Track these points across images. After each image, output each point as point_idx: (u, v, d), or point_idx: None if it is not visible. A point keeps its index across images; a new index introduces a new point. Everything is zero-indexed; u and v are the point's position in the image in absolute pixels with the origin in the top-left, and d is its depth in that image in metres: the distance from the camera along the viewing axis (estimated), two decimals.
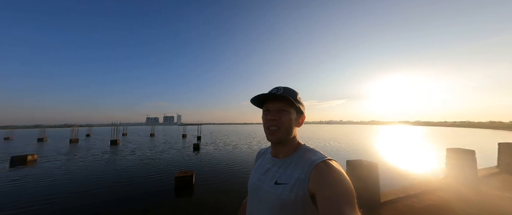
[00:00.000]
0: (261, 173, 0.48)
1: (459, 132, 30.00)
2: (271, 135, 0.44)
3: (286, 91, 0.45)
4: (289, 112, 0.44)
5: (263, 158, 0.53)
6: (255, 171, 0.52)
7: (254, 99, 0.46)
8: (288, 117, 0.43)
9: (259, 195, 0.44)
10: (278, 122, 0.43)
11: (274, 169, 0.45)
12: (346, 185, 0.32)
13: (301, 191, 0.36)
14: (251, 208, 0.46)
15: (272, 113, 0.44)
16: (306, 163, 0.39)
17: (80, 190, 4.31)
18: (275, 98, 0.44)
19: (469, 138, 18.08)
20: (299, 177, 0.38)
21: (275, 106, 0.44)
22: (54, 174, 5.71)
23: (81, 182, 4.88)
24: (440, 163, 6.53)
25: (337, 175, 0.34)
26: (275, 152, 0.48)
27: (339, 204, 0.29)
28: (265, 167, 0.48)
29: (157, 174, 5.68)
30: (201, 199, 3.72)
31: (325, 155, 0.40)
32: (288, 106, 0.44)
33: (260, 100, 0.46)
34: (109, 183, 4.83)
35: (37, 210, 3.29)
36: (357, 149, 10.73)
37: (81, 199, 3.75)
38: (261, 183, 0.45)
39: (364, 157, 7.48)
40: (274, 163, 0.47)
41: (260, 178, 0.47)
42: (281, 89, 0.45)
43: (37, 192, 4.21)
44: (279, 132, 0.43)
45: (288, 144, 0.46)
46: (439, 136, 21.79)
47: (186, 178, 4.37)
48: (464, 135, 23.46)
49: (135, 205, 3.46)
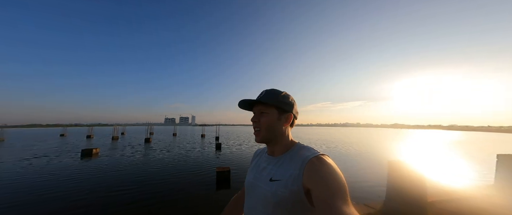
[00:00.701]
0: (257, 171, 0.49)
1: (508, 138, 25.62)
2: (255, 136, 0.47)
3: (266, 94, 0.47)
4: (268, 113, 0.45)
5: (260, 157, 0.54)
6: (252, 169, 0.53)
7: (241, 105, 0.51)
8: (267, 118, 0.45)
9: (255, 192, 0.45)
10: (258, 124, 0.46)
11: (269, 167, 0.46)
12: (338, 179, 0.33)
13: (296, 187, 0.36)
14: (248, 205, 0.47)
15: (254, 116, 0.48)
16: (300, 159, 0.39)
17: (142, 180, 5.15)
18: (255, 103, 0.48)
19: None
20: (293, 173, 0.38)
21: (257, 109, 0.48)
22: (118, 166, 6.87)
23: (140, 174, 5.79)
24: (488, 169, 6.05)
25: (329, 169, 0.34)
26: (270, 150, 0.50)
27: (332, 199, 0.30)
28: (262, 166, 0.49)
29: (195, 169, 6.41)
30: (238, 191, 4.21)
31: (318, 151, 0.41)
32: (267, 107, 0.46)
33: (250, 105, 0.51)
34: (161, 175, 5.65)
35: (117, 195, 4.08)
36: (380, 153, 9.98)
37: (145, 188, 4.49)
38: (257, 181, 0.46)
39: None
40: (269, 161, 0.48)
41: (256, 176, 0.48)
42: (264, 92, 0.48)
43: (111, 179, 5.19)
44: (260, 133, 0.46)
45: (280, 142, 0.47)
46: (483, 141, 19.05)
47: (225, 173, 4.93)
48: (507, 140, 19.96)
49: (187, 195, 4.08)
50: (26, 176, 5.45)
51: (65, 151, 10.51)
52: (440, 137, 27.21)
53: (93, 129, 32.80)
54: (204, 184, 4.80)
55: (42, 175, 5.60)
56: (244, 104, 0.50)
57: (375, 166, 6.90)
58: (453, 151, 11.55)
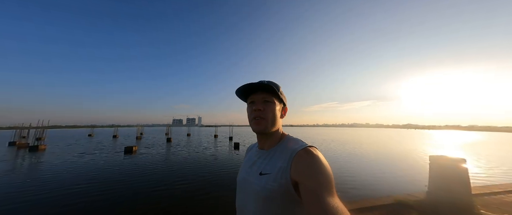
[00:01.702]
0: (248, 166, 0.49)
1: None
2: (256, 125, 0.44)
3: (270, 83, 0.46)
4: (274, 103, 0.44)
5: (252, 152, 0.53)
6: (243, 165, 0.52)
7: (238, 91, 0.47)
8: (273, 108, 0.44)
9: (246, 188, 0.45)
10: (262, 112, 0.43)
11: (259, 161, 0.46)
12: (324, 171, 0.33)
13: (284, 180, 0.36)
14: (239, 201, 0.47)
15: (257, 104, 0.45)
16: (288, 152, 0.39)
17: (181, 177, 5.52)
18: (259, 88, 0.45)
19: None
20: (282, 166, 0.38)
21: (260, 97, 0.45)
22: (155, 162, 7.54)
23: (177, 170, 6.32)
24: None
25: (316, 162, 0.34)
26: (261, 144, 0.49)
27: (318, 190, 0.30)
28: (252, 160, 0.49)
29: (225, 168, 6.68)
30: None
31: (306, 143, 0.41)
32: (272, 96, 0.44)
33: (245, 93, 0.47)
34: (196, 172, 6.11)
35: (165, 189, 4.38)
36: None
37: (186, 184, 4.75)
38: (248, 175, 0.46)
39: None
40: (260, 155, 0.47)
41: (247, 171, 0.47)
42: (265, 81, 0.46)
43: (155, 176, 5.61)
44: (264, 122, 0.43)
45: (273, 135, 0.46)
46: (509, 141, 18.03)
47: None
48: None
49: (226, 191, 4.31)
50: (89, 168, 6.52)
51: (108, 148, 11.89)
52: (461, 137, 26.11)
53: (118, 130, 35.45)
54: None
55: (102, 168, 6.65)
56: (242, 91, 0.47)
57: (406, 161, 7.68)
58: (479, 149, 11.42)
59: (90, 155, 9.43)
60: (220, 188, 4.49)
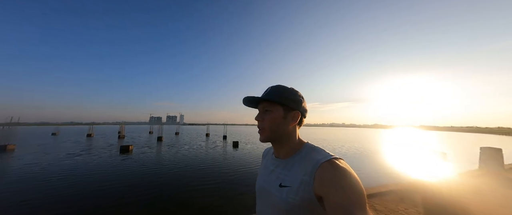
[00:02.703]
0: (266, 174, 0.46)
1: (469, 137, 30.01)
2: (260, 135, 0.44)
3: (271, 90, 0.44)
4: (273, 111, 0.42)
5: (267, 159, 0.51)
6: (261, 172, 0.50)
7: (245, 103, 0.47)
8: (271, 116, 0.42)
9: (266, 197, 0.42)
10: (261, 123, 0.43)
11: (278, 171, 0.42)
12: (355, 186, 0.29)
13: (307, 194, 0.33)
14: (259, 210, 0.45)
15: (258, 115, 0.45)
16: (310, 164, 0.36)
17: (184, 175, 5.37)
18: (259, 100, 0.44)
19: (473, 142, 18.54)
20: (303, 179, 0.35)
21: (261, 107, 0.45)
22: (153, 162, 7.26)
23: (180, 169, 6.10)
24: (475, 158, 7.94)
25: (344, 176, 0.31)
26: (277, 152, 0.46)
27: (348, 208, 0.27)
28: (270, 169, 0.45)
29: (232, 166, 6.64)
30: None
31: (331, 153, 0.37)
32: (272, 105, 0.43)
33: (255, 102, 0.47)
34: (202, 170, 6.00)
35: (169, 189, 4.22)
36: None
37: (187, 183, 4.61)
38: (267, 185, 0.43)
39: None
40: (277, 163, 0.44)
41: (266, 179, 0.45)
42: (269, 89, 0.44)
43: (151, 175, 5.38)
44: (264, 132, 0.43)
45: (286, 143, 0.43)
46: (449, 139, 22.11)
47: None
48: (475, 140, 23.63)
49: (235, 186, 4.37)
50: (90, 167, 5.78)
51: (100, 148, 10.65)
52: (421, 136, 30.61)
53: (94, 128, 31.14)
54: (247, 179, 5.08)
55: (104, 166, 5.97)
56: (249, 101, 0.46)
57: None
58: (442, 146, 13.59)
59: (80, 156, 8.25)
60: (245, 187, 4.41)
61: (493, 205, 2.43)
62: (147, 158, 7.80)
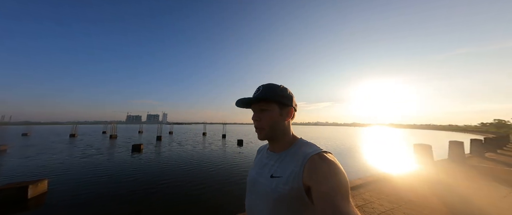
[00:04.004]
0: (259, 167, 0.48)
1: (423, 133, 35.71)
2: (258, 134, 0.45)
3: (264, 89, 0.44)
4: (269, 110, 0.43)
5: (262, 153, 0.53)
6: (254, 166, 0.51)
7: (238, 105, 0.47)
8: (268, 115, 0.43)
9: (256, 188, 0.44)
10: (260, 122, 0.44)
11: (270, 163, 0.45)
12: (340, 177, 0.32)
13: (296, 184, 0.36)
14: (249, 201, 0.46)
15: (254, 114, 0.46)
16: (301, 156, 0.38)
17: (195, 174, 5.23)
18: (253, 101, 0.45)
19: (429, 137, 22.32)
20: (294, 170, 0.37)
21: (256, 107, 0.45)
22: (164, 160, 7.16)
23: (192, 168, 5.98)
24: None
25: (331, 167, 0.33)
26: (272, 147, 0.48)
27: (332, 197, 0.29)
28: (263, 162, 0.48)
29: (238, 165, 6.54)
30: None
31: (320, 147, 0.39)
32: (267, 104, 0.44)
33: (248, 103, 0.47)
34: (209, 169, 5.83)
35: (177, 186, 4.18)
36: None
37: (199, 181, 4.48)
38: (258, 177, 0.45)
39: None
40: (271, 157, 0.47)
41: (258, 172, 0.47)
42: (261, 88, 0.45)
43: (163, 172, 5.43)
44: (263, 131, 0.44)
45: (281, 139, 0.45)
46: (412, 136, 26.00)
47: None
48: (428, 135, 28.35)
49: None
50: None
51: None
52: (390, 133, 33.84)
53: (77, 128, 28.22)
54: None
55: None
56: (243, 103, 0.47)
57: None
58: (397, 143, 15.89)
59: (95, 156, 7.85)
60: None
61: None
62: (163, 157, 7.76)
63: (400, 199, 2.52)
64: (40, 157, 7.89)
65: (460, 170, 4.25)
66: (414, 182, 3.25)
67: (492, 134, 32.66)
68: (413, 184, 3.14)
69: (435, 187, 3.00)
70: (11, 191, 3.26)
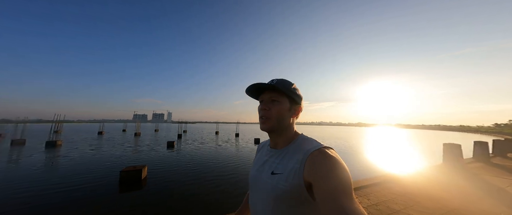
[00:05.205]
0: (260, 164, 0.47)
1: (436, 134, 34.64)
2: (262, 124, 0.44)
3: (279, 82, 0.44)
4: (280, 102, 0.43)
5: (262, 150, 0.52)
6: (255, 163, 0.51)
7: (249, 90, 0.46)
8: (278, 107, 0.42)
9: (258, 186, 0.44)
10: (268, 112, 0.43)
11: (271, 160, 0.44)
12: (341, 173, 0.31)
13: (297, 181, 0.35)
14: (252, 199, 0.46)
15: (264, 103, 0.44)
16: (302, 152, 0.37)
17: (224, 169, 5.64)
18: (267, 88, 0.44)
19: (444, 138, 21.62)
20: (294, 166, 0.37)
21: (267, 96, 0.44)
22: (198, 155, 7.95)
23: (221, 163, 6.44)
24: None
25: (332, 163, 0.32)
26: (273, 143, 0.47)
27: (335, 194, 0.28)
28: (264, 159, 0.47)
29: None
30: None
31: (321, 143, 0.38)
32: (280, 96, 0.43)
33: (257, 92, 0.46)
34: (244, 164, 6.36)
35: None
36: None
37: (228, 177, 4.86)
38: (260, 174, 0.45)
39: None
40: (272, 154, 0.46)
41: (259, 169, 0.46)
42: (275, 80, 0.44)
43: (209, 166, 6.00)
44: (269, 121, 0.43)
45: (284, 134, 0.45)
46: (425, 136, 24.89)
47: None
48: (441, 136, 27.36)
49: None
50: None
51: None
52: (404, 134, 32.76)
53: (104, 126, 29.79)
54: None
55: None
56: (252, 90, 0.46)
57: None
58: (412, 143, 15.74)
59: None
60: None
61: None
62: (200, 152, 8.44)
63: (410, 200, 2.42)
64: (104, 151, 8.78)
65: (487, 168, 4.47)
66: (430, 183, 3.15)
67: (507, 135, 31.63)
68: (430, 185, 3.04)
69: (459, 186, 2.99)
70: (133, 172, 4.33)
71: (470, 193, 2.78)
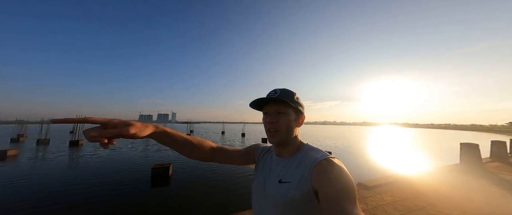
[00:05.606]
0: (266, 172, 0.48)
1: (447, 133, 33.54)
2: (272, 137, 0.44)
3: (283, 93, 0.45)
4: (287, 114, 0.44)
5: (267, 158, 0.52)
6: (260, 171, 0.51)
7: (253, 103, 0.46)
8: (286, 119, 0.43)
9: (264, 194, 0.44)
10: (276, 124, 0.43)
11: (278, 168, 0.45)
12: (346, 181, 0.33)
13: (305, 189, 0.37)
14: (256, 206, 0.46)
15: (270, 116, 0.44)
16: (309, 161, 0.39)
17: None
18: (272, 101, 0.45)
19: (456, 138, 20.66)
20: (303, 175, 0.38)
21: (273, 109, 0.45)
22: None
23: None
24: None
25: (338, 172, 0.34)
26: (279, 151, 0.48)
27: (339, 198, 0.30)
28: (270, 167, 0.48)
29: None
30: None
31: (328, 153, 0.40)
32: (286, 107, 0.44)
33: (259, 103, 0.47)
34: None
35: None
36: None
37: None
38: (266, 181, 0.45)
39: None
40: (278, 162, 0.47)
41: (265, 176, 0.47)
42: (278, 91, 0.45)
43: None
44: (279, 134, 0.43)
45: (291, 144, 0.46)
46: (435, 136, 24.28)
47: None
48: (453, 136, 26.49)
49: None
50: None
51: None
52: (412, 134, 31.27)
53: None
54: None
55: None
56: (260, 102, 0.47)
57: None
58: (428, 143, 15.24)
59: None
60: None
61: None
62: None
63: (423, 201, 2.45)
64: (124, 150, 9.07)
65: (506, 168, 4.50)
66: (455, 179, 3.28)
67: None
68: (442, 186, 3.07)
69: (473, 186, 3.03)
70: (161, 169, 4.66)
71: (493, 191, 2.87)
